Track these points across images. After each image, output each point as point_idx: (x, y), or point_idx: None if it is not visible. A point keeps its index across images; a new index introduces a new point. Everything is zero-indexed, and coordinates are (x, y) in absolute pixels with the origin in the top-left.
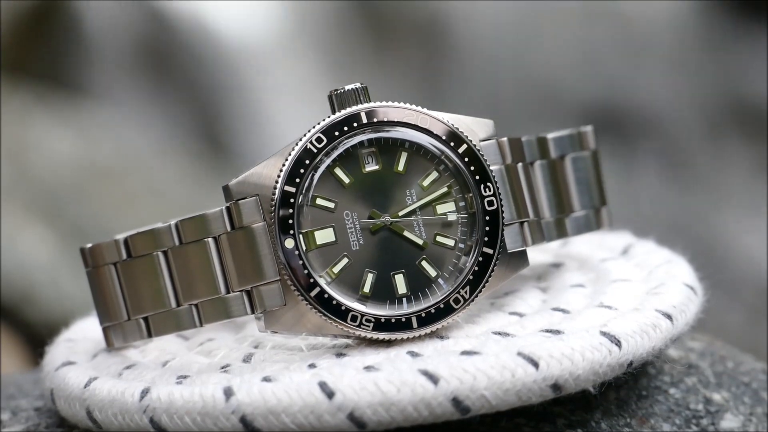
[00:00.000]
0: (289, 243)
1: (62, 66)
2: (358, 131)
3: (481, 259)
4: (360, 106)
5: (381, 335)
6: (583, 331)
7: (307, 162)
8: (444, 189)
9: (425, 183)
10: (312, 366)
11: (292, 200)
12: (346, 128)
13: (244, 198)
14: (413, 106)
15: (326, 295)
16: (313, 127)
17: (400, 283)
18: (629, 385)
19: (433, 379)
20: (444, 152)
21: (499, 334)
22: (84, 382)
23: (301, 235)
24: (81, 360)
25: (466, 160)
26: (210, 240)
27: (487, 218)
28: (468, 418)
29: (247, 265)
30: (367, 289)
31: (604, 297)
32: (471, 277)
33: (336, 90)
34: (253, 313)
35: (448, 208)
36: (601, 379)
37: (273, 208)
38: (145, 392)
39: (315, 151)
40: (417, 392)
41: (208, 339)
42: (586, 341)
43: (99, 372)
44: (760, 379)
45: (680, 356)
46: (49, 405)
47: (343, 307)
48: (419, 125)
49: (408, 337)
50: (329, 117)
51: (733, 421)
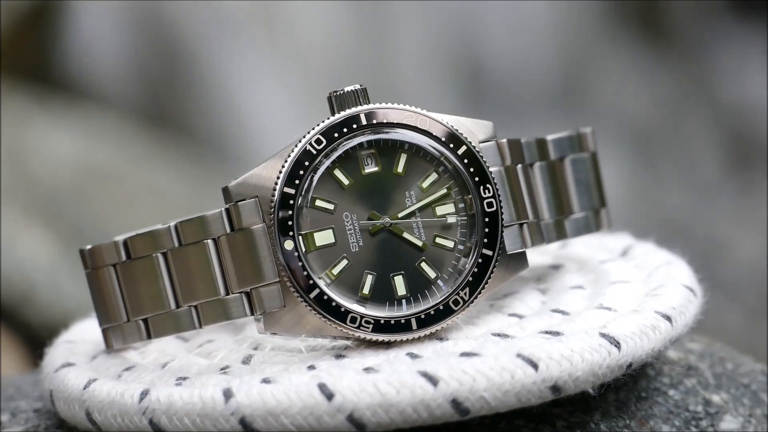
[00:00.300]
0: (289, 244)
1: (61, 68)
2: (358, 133)
3: (480, 260)
4: (359, 108)
5: (380, 337)
6: (582, 333)
7: (306, 163)
8: (443, 190)
9: (425, 184)
10: (311, 367)
11: (291, 202)
12: (345, 130)
13: (244, 199)
14: (413, 108)
15: (326, 297)
16: (313, 128)
17: (400, 284)
18: (628, 387)
19: (433, 380)
20: (443, 154)
21: (499, 335)
22: (83, 384)
23: (300, 237)
24: (80, 361)
25: (466, 161)
26: (209, 241)
27: (487, 220)
28: (467, 420)
29: (246, 266)
30: (366, 290)
31: (604, 298)
32: (470, 279)
33: (335, 91)
34: (252, 314)
35: (447, 210)
36: (601, 380)
37: (272, 210)
38: (144, 394)
39: (314, 152)
40: (416, 394)
41: (208, 340)
42: (586, 343)
43: (98, 373)
44: (759, 381)
45: (679, 358)
46: (48, 406)
47: (342, 309)
48: (419, 127)
49: (407, 339)
50: (329, 118)
51: (732, 422)
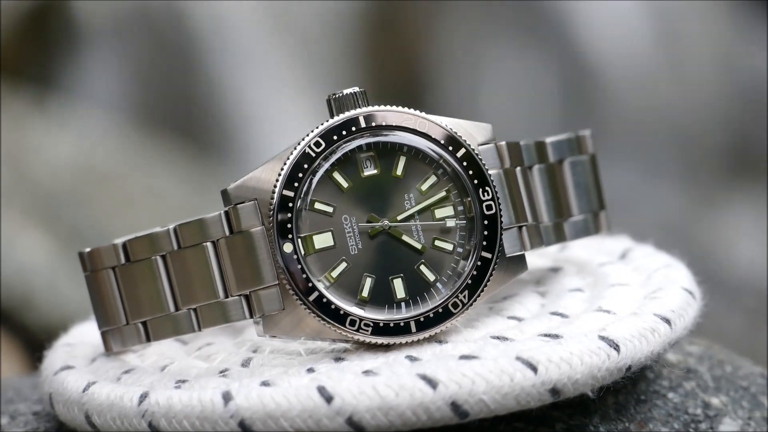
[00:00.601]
0: (288, 247)
1: (60, 69)
2: (357, 135)
3: (479, 263)
4: (358, 110)
5: (379, 339)
6: (581, 336)
7: (305, 166)
8: (442, 193)
9: (424, 187)
10: (311, 370)
11: (290, 204)
12: (344, 132)
13: (243, 202)
14: (412, 110)
15: (325, 300)
16: (312, 131)
17: (399, 287)
18: (628, 390)
19: (432, 383)
20: (442, 156)
21: (498, 338)
22: (82, 387)
23: (299, 240)
24: (79, 364)
25: (465, 164)
26: (208, 244)
27: (486, 222)
28: (466, 423)
29: (245, 269)
30: (365, 293)
31: (603, 301)
32: (469, 282)
33: (334, 94)
34: (251, 317)
35: (446, 213)
36: (600, 383)
37: (271, 213)
38: (143, 397)
39: (313, 155)
40: (416, 396)
41: (207, 343)
42: (585, 346)
43: (97, 376)
44: (758, 384)
45: (679, 360)
46: (47, 409)
47: (341, 312)
48: (418, 129)
49: (406, 342)
50: (328, 121)
51: (731, 425)
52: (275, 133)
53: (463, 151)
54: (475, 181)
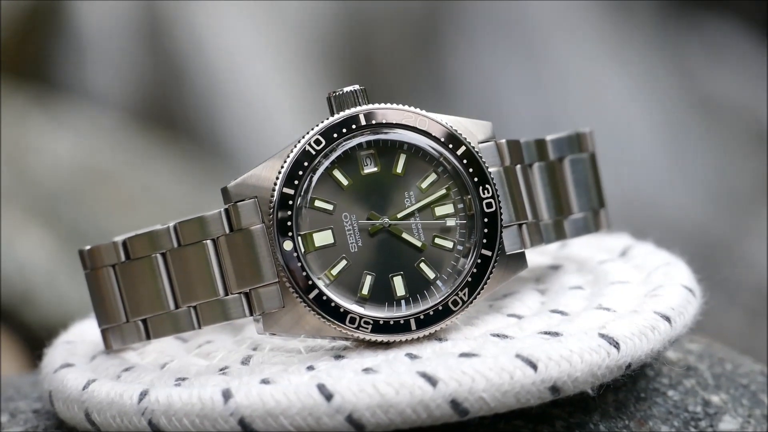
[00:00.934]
0: (288, 245)
1: (61, 68)
2: (357, 133)
3: (479, 261)
4: (359, 108)
5: (379, 337)
6: (581, 333)
7: (305, 164)
8: (442, 191)
9: (424, 185)
10: (310, 368)
11: (290, 202)
12: (344, 130)
13: (243, 200)
14: (412, 108)
15: (325, 297)
16: (312, 129)
17: (399, 285)
18: (628, 387)
19: (432, 381)
20: (442, 154)
21: (498, 336)
22: (82, 384)
23: (299, 237)
24: (79, 362)
25: (465, 162)
26: (208, 242)
27: (486, 220)
28: (466, 420)
29: (245, 267)
30: (365, 291)
31: (603, 299)
32: (469, 279)
33: (335, 92)
34: (251, 315)
35: (446, 210)
36: (600, 381)
37: (271, 210)
38: (143, 394)
39: (313, 153)
40: (415, 394)
41: (207, 341)
42: (585, 343)
43: (97, 374)
44: (758, 381)
45: (679, 358)
46: (47, 407)
47: (341, 309)
48: (418, 127)
49: (406, 339)
50: (328, 119)
51: (731, 423)
52: (275, 131)
53: (463, 148)
54: (475, 179)
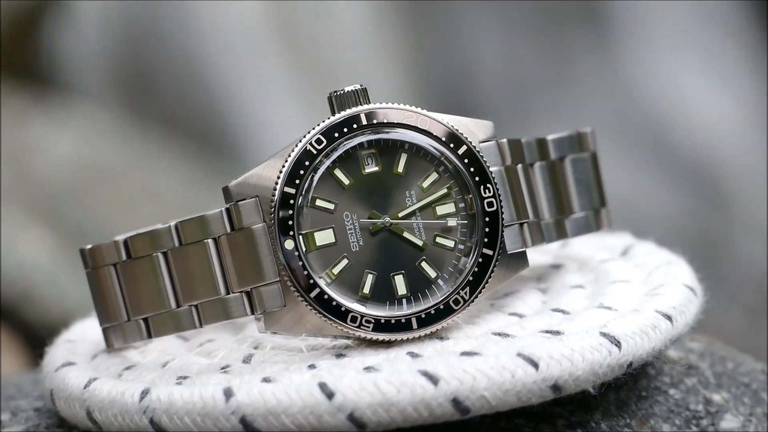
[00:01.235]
0: (289, 244)
1: (61, 68)
2: (358, 132)
3: (480, 260)
4: (360, 108)
5: (381, 336)
6: (582, 332)
7: (306, 163)
8: (444, 190)
9: (425, 184)
10: (312, 367)
11: (291, 201)
12: (345, 129)
13: (244, 199)
14: (413, 108)
15: (326, 296)
16: (313, 128)
17: (400, 284)
18: (629, 386)
19: (433, 379)
20: (444, 153)
21: (499, 334)
22: (84, 383)
23: (300, 237)
24: (81, 361)
25: (466, 161)
26: (210, 241)
27: (487, 219)
28: (468, 419)
29: (246, 266)
30: (366, 290)
31: (604, 298)
32: (471, 278)
33: (336, 91)
34: (252, 314)
35: (447, 210)
36: (601, 379)
37: (273, 210)
38: (145, 393)
39: (315, 152)
40: (417, 393)
41: (208, 340)
42: (586, 342)
43: (99, 373)
44: (759, 380)
45: (680, 357)
46: (48, 405)
47: (342, 308)
48: (419, 127)
49: (408, 338)
50: (329, 118)
51: (732, 421)
52: (276, 131)
53: (464, 148)
54: (477, 178)
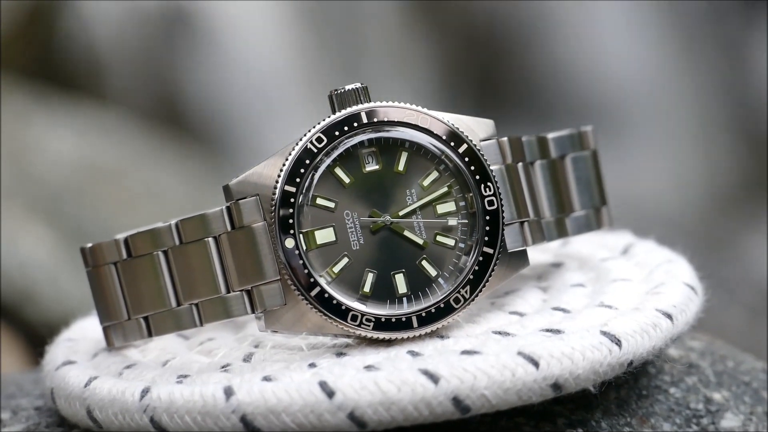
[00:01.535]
0: (290, 242)
1: (62, 66)
2: (359, 131)
3: (481, 258)
4: (360, 106)
5: (381, 335)
6: (583, 331)
7: (307, 162)
8: (444, 189)
9: (425, 183)
10: (312, 365)
11: (292, 200)
12: (346, 128)
13: (245, 198)
14: (413, 106)
15: (326, 295)
16: (314, 126)
17: (401, 282)
18: (629, 385)
19: (434, 378)
20: (444, 152)
21: (500, 333)
22: (84, 382)
23: (301, 235)
24: (81, 359)
25: (467, 159)
26: (210, 240)
27: (488, 218)
28: (468, 418)
29: (247, 264)
30: (367, 288)
31: (605, 296)
32: (471, 277)
33: (336, 90)
34: (253, 312)
35: (448, 208)
36: (602, 378)
37: (273, 208)
38: (145, 392)
39: (315, 150)
40: (417, 391)
41: (209, 338)
42: (587, 341)
43: (99, 371)
44: (760, 379)
45: (680, 356)
46: (49, 404)
47: (343, 307)
48: (419, 125)
49: (408, 337)
50: (329, 117)
51: (733, 420)
52: (277, 129)
53: (464, 146)
54: (477, 177)
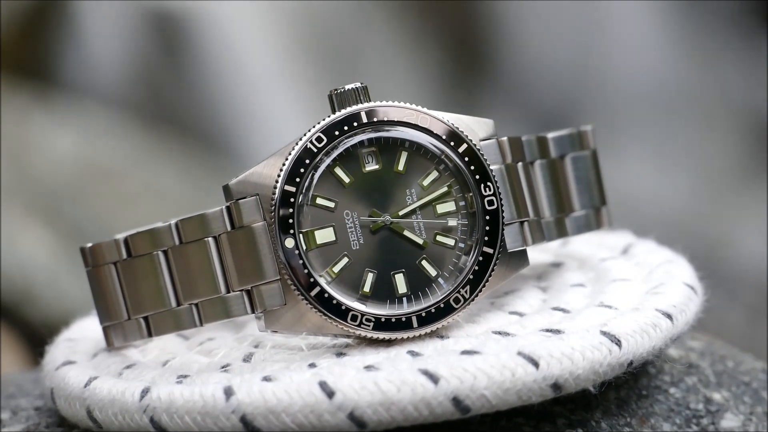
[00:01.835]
0: (290, 242)
1: (62, 66)
2: (358, 131)
3: (481, 258)
4: (360, 106)
5: (381, 335)
6: (583, 331)
7: (307, 161)
8: (444, 188)
9: (425, 182)
10: (312, 365)
11: (292, 200)
12: (346, 128)
13: (245, 197)
14: (413, 106)
15: (326, 295)
16: (314, 126)
17: (401, 282)
18: (629, 385)
19: (434, 378)
20: (444, 152)
21: (500, 333)
22: (84, 382)
23: (301, 235)
24: (81, 359)
25: (467, 159)
26: (210, 239)
27: (487, 218)
28: (468, 418)
29: (247, 264)
30: (367, 288)
31: (604, 296)
32: (471, 277)
33: (336, 89)
34: (253, 312)
35: (448, 208)
36: (601, 378)
37: (273, 208)
38: (145, 392)
39: (315, 150)
40: (417, 392)
41: (209, 338)
42: (587, 341)
43: (99, 371)
44: (760, 379)
45: (680, 356)
46: (49, 404)
47: (343, 307)
48: (419, 125)
49: (408, 337)
50: (329, 116)
51: (733, 420)
52: (277, 129)
53: (464, 146)
54: (477, 177)
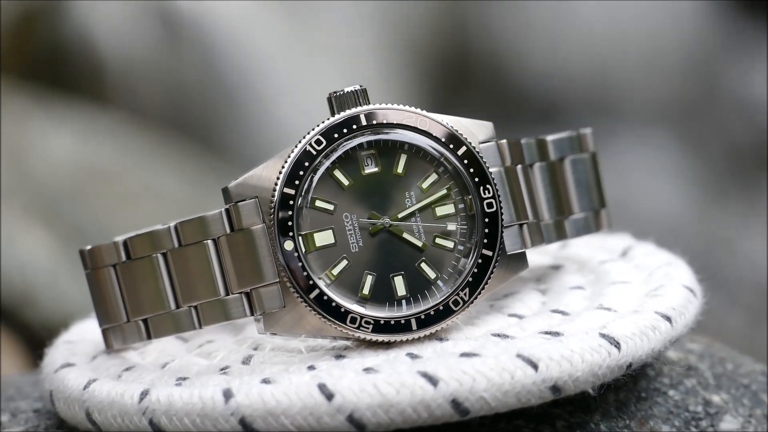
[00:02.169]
0: (289, 245)
1: (61, 68)
2: (358, 133)
3: (480, 261)
4: (359, 108)
5: (380, 337)
6: (582, 333)
7: (306, 164)
8: (443, 191)
9: (424, 185)
10: (311, 368)
11: (291, 202)
12: (345, 130)
13: (244, 200)
14: (413, 108)
15: (325, 297)
16: (313, 129)
17: (400, 284)
18: (628, 387)
19: (433, 380)
20: (443, 154)
21: (499, 335)
22: (83, 384)
23: (300, 237)
24: (80, 362)
25: (466, 162)
26: (209, 242)
27: (487, 220)
28: (467, 420)
29: (246, 267)
30: (366, 290)
31: (604, 299)
32: (470, 279)
33: (335, 92)
34: (252, 314)
35: (447, 210)
36: (601, 380)
37: (272, 210)
38: (144, 394)
39: (314, 153)
40: (416, 394)
41: (208, 341)
42: (586, 343)
43: (98, 374)
44: (759, 381)
45: (679, 358)
46: (48, 407)
47: (342, 309)
48: (418, 127)
49: (407, 339)
50: (328, 119)
51: (732, 422)
52: (276, 131)
53: (464, 149)
54: (476, 179)
